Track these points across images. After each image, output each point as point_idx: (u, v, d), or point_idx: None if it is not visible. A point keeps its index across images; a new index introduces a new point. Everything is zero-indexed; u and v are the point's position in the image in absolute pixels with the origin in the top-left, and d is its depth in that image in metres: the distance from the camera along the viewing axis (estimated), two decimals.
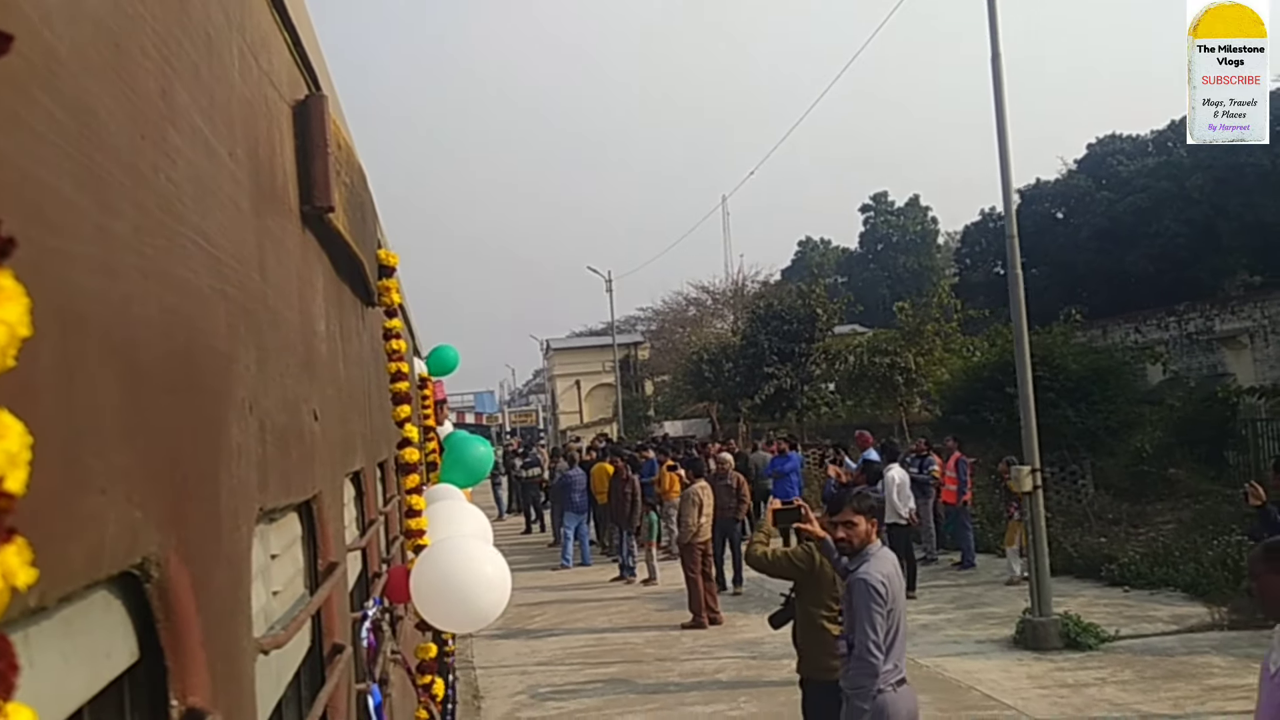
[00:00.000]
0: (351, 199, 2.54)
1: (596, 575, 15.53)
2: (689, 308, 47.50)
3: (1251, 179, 32.06)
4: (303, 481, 1.91)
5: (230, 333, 1.39)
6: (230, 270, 1.41)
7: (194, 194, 1.24)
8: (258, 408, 1.52)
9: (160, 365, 1.08)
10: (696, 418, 36.27)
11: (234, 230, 1.46)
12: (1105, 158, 42.41)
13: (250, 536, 1.44)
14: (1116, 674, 8.67)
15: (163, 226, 1.11)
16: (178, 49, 1.20)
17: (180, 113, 1.20)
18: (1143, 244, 36.24)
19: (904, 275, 56.28)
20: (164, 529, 1.04)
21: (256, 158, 1.70)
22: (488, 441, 5.74)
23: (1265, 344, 26.97)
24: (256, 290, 1.60)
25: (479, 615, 2.93)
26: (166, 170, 1.14)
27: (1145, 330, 31.31)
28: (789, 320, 27.91)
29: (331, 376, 2.43)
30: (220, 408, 1.31)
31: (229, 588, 1.29)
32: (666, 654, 10.42)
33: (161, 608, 1.05)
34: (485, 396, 71.67)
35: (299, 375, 1.95)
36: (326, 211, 2.16)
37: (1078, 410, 18.37)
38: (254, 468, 1.47)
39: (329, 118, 2.18)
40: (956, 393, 20.37)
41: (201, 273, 1.25)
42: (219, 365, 1.32)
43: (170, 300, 1.12)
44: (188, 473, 1.15)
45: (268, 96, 1.85)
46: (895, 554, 5.76)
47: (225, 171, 1.43)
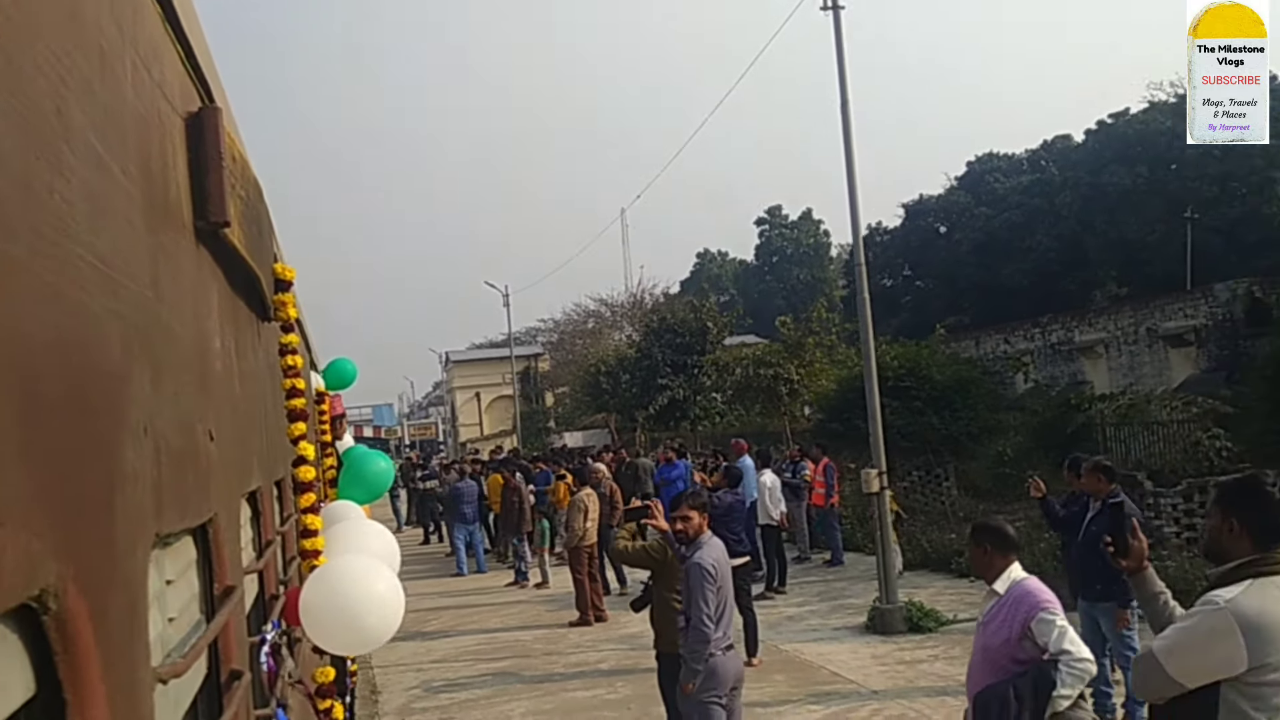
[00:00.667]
0: (247, 213, 2.49)
1: (492, 581, 16.11)
2: (588, 320, 48.20)
3: (1114, 197, 34.40)
4: (199, 504, 1.86)
5: (124, 354, 1.35)
6: (124, 289, 1.38)
7: (87, 213, 1.21)
8: (152, 430, 1.48)
9: (55, 390, 1.05)
10: (596, 428, 36.85)
11: (127, 248, 1.42)
12: (983, 175, 44.61)
13: (147, 564, 1.40)
14: (947, 651, 9.63)
15: (56, 247, 1.08)
16: (71, 64, 1.17)
17: (74, 130, 1.17)
18: (1017, 258, 38.28)
19: (798, 287, 57.75)
20: (61, 558, 1.01)
21: (150, 173, 1.66)
22: (387, 457, 5.65)
23: (1118, 353, 28.96)
24: (150, 309, 1.56)
25: (369, 637, 2.87)
26: (61, 190, 1.11)
27: (1013, 340, 33.26)
28: (682, 333, 29.26)
29: (227, 395, 2.38)
30: (115, 431, 1.28)
31: (126, 617, 1.26)
32: (553, 649, 11.12)
33: (59, 640, 1.02)
34: (384, 409, 70.53)
35: (194, 395, 1.91)
36: (221, 227, 2.11)
37: (942, 417, 19.87)
38: (149, 492, 1.43)
39: (223, 130, 2.13)
40: (833, 402, 21.62)
41: (95, 293, 1.22)
42: (113, 387, 1.29)
43: (64, 323, 1.09)
44: (83, 499, 1.12)
45: (160, 109, 1.80)
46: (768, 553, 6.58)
47: (119, 189, 1.39)
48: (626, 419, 32.16)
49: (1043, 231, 37.55)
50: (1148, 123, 36.09)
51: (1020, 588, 4.45)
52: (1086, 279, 37.56)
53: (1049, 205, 37.73)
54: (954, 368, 21.81)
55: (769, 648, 10.11)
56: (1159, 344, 27.84)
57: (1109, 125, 38.22)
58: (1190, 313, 27.03)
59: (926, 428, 19.42)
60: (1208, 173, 31.46)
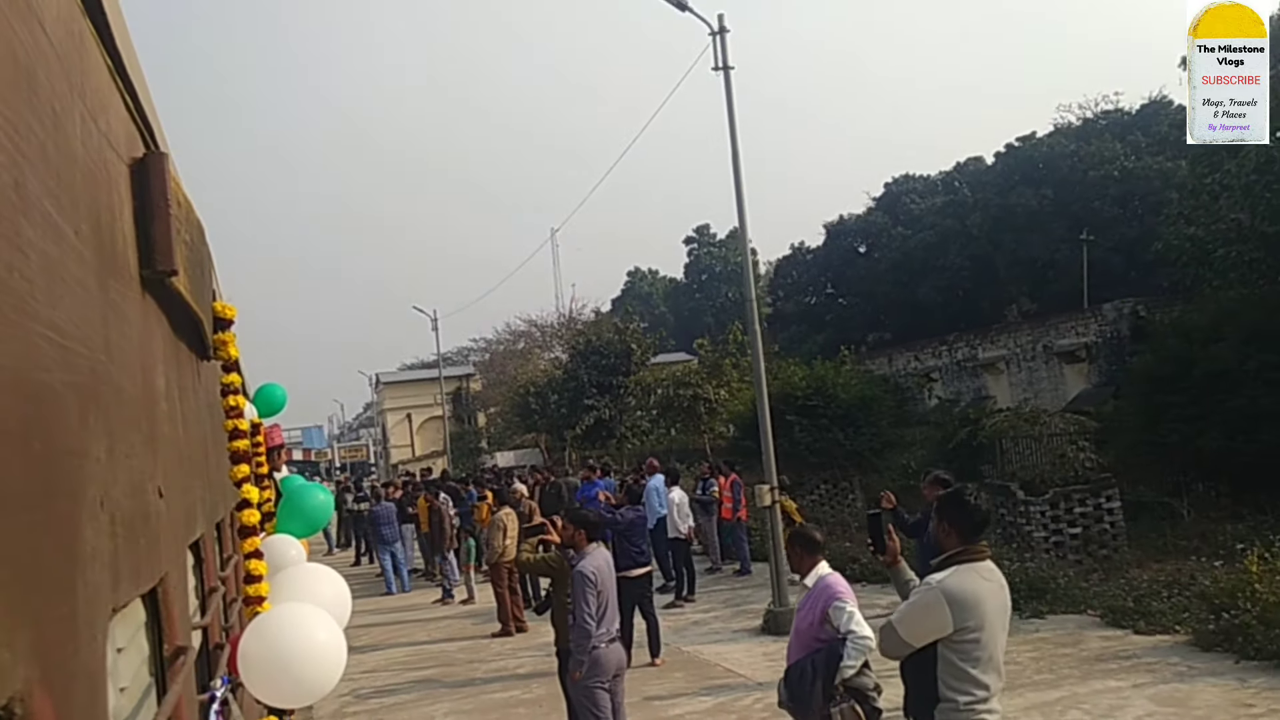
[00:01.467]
0: (191, 256, 2.42)
1: (421, 599, 16.75)
2: (518, 341, 48.40)
3: (1021, 218, 35.71)
4: (150, 568, 1.80)
5: (81, 426, 1.30)
6: (79, 358, 1.32)
7: (45, 285, 1.16)
8: (108, 501, 1.43)
9: (20, 482, 1.00)
10: (527, 448, 37.18)
11: (81, 314, 1.37)
12: (900, 196, 45.97)
13: (105, 644, 1.34)
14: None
15: (18, 329, 1.03)
16: (28, 133, 1.12)
17: (32, 202, 1.12)
18: (932, 276, 39.45)
19: (726, 305, 58.39)
20: (27, 662, 0.96)
21: (99, 228, 1.60)
22: (326, 489, 5.54)
23: (1018, 370, 30.28)
24: (103, 372, 1.50)
25: (309, 689, 2.78)
26: (20, 267, 1.06)
27: (923, 358, 34.42)
28: (607, 355, 30.11)
29: (173, 444, 2.30)
30: (75, 511, 1.22)
31: (88, 705, 1.20)
32: (476, 658, 11.75)
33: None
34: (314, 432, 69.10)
35: (143, 453, 1.84)
36: (169, 276, 2.04)
37: (846, 434, 21.10)
38: (106, 568, 1.37)
39: (170, 177, 2.07)
40: (746, 421, 22.03)
41: (54, 369, 1.17)
42: (73, 465, 1.24)
43: (27, 409, 1.04)
44: (46, 593, 1.07)
45: (107, 159, 1.74)
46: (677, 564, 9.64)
47: (73, 253, 1.34)
48: (556, 438, 32.82)
49: (955, 251, 38.71)
50: (1053, 145, 37.58)
51: (824, 581, 5.43)
52: (997, 297, 38.92)
53: (961, 226, 38.92)
54: (858, 386, 22.89)
55: (672, 649, 10.82)
56: (1054, 360, 29.05)
57: (1016, 148, 39.61)
58: (1082, 331, 28.06)
59: (832, 443, 20.61)
60: (1109, 193, 32.72)
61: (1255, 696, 7.77)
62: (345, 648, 2.87)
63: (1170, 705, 7.74)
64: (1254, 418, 14.52)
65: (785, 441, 19.14)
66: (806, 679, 5.15)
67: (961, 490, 5.59)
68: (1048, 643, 9.97)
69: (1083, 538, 13.20)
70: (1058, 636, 10.16)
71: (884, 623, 4.39)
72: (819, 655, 5.20)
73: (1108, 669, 8.98)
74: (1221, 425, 14.95)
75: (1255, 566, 9.34)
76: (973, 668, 4.14)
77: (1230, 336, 15.77)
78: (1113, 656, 9.36)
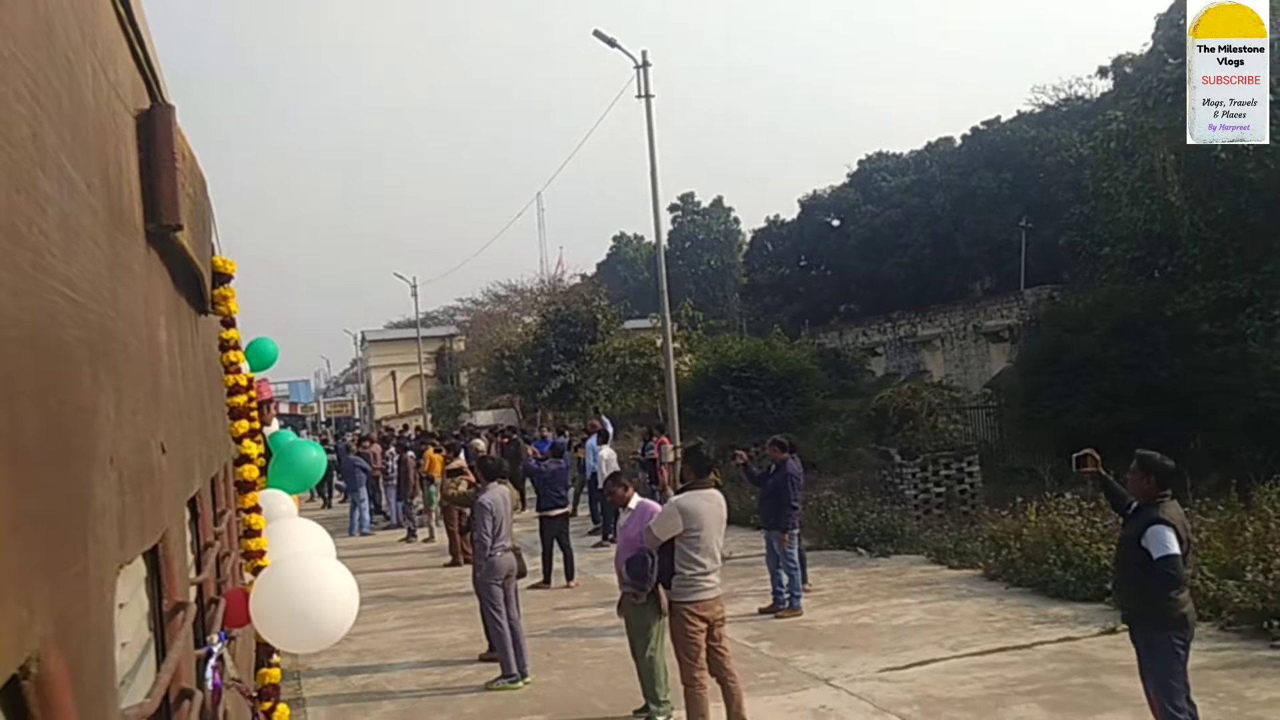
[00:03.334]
0: (194, 211, 2.39)
1: (390, 538, 19.35)
2: (499, 304, 49.67)
3: (982, 200, 37.29)
4: (154, 524, 1.79)
5: (92, 383, 1.29)
6: (90, 314, 1.30)
7: (61, 241, 1.14)
8: (117, 458, 1.42)
9: (37, 439, 0.98)
10: (503, 408, 38.74)
11: (93, 269, 1.35)
12: (872, 174, 47.02)
13: (114, 602, 1.34)
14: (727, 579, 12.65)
15: (35, 285, 1.02)
16: (45, 84, 1.10)
17: (49, 155, 1.10)
18: (897, 253, 41.01)
19: (708, 272, 59.35)
20: (44, 620, 0.95)
21: (107, 181, 1.57)
22: (319, 445, 5.53)
23: (951, 347, 32.75)
24: (112, 328, 1.48)
25: (327, 634, 2.82)
26: (39, 222, 1.04)
27: (870, 333, 36.89)
28: (574, 324, 32.26)
29: (174, 400, 2.29)
30: (87, 469, 1.21)
31: (98, 663, 1.20)
32: (427, 581, 14.19)
33: (39, 704, 0.96)
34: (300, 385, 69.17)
35: (148, 409, 1.83)
36: (174, 230, 2.02)
37: (775, 403, 23.42)
38: (115, 526, 1.37)
39: (176, 130, 2.04)
40: (689, 389, 24.45)
41: (69, 326, 1.15)
42: (85, 422, 1.22)
43: (45, 365, 1.02)
44: (61, 551, 1.06)
45: (115, 111, 1.71)
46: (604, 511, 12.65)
47: (86, 207, 1.32)
48: (529, 400, 34.75)
49: (919, 229, 40.10)
50: (1015, 130, 38.72)
51: (641, 505, 7.98)
52: (958, 274, 40.35)
53: (925, 205, 40.32)
54: (789, 360, 24.94)
55: (586, 576, 13.32)
56: (982, 340, 31.25)
57: (981, 131, 40.59)
58: (1006, 314, 30.25)
59: (762, 412, 22.77)
60: (1064, 179, 33.55)
61: (1002, 611, 10.07)
62: (357, 594, 2.89)
63: (936, 614, 10.29)
64: (1114, 398, 17.04)
65: (721, 409, 22.90)
66: (647, 565, 7.02)
67: (697, 445, 8.09)
68: (878, 574, 12.63)
69: (946, 496, 15.80)
70: (888, 569, 12.82)
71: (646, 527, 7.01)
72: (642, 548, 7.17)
73: (909, 591, 11.47)
74: (1086, 404, 17.40)
75: (1033, 515, 11.64)
76: (695, 554, 6.72)
77: (1098, 327, 18.26)
78: (920, 584, 11.88)
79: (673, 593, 6.81)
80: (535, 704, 8.18)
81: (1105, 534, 10.25)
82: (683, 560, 6.70)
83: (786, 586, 10.82)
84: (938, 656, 8.77)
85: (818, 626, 10.12)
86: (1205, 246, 17.64)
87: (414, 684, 9.02)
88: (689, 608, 6.75)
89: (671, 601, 6.86)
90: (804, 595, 11.07)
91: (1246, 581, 8.69)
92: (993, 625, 9.64)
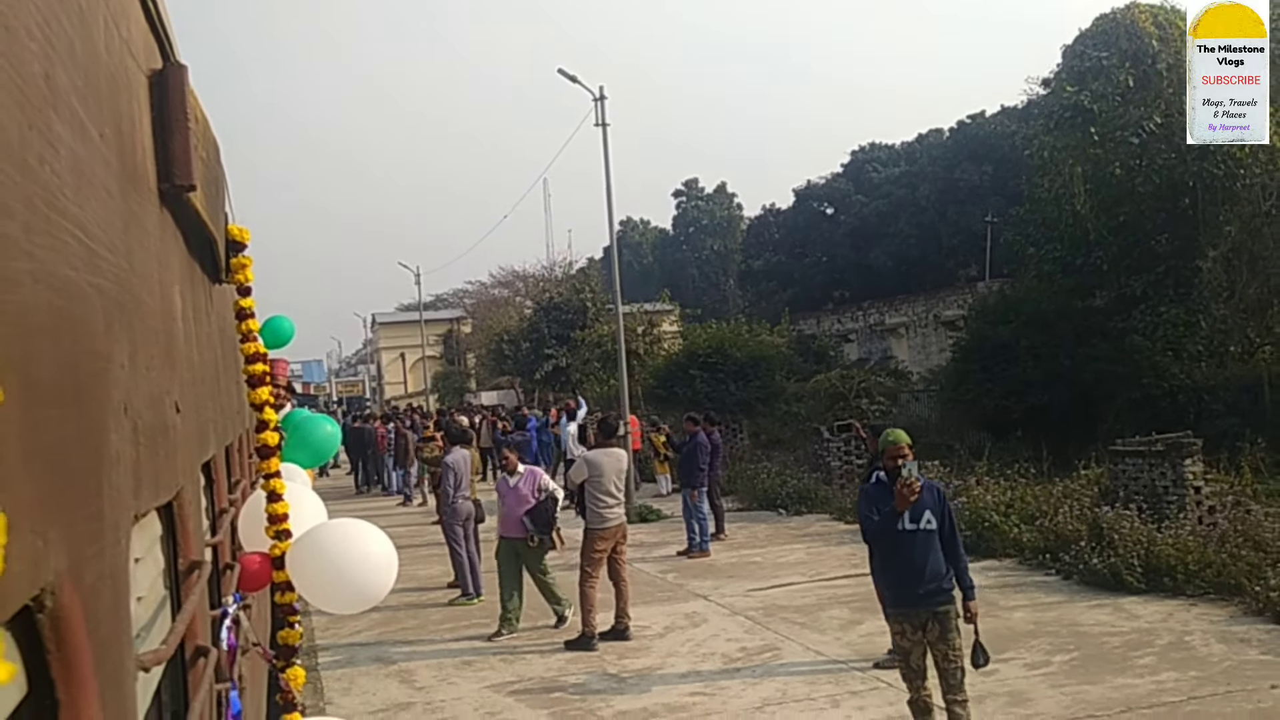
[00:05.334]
0: (208, 175, 2.40)
1: (390, 501, 21.91)
2: (502, 289, 51.90)
3: (964, 191, 39.12)
4: (168, 480, 1.80)
5: (107, 331, 1.29)
6: (104, 262, 1.31)
7: (73, 184, 1.14)
8: (131, 409, 1.42)
9: (50, 376, 0.99)
10: (504, 388, 40.94)
11: (106, 218, 1.35)
12: (864, 164, 48.23)
13: (129, 549, 1.35)
14: (656, 532, 15.27)
15: (48, 223, 1.02)
16: (58, 28, 1.10)
17: (61, 96, 1.10)
18: (884, 242, 42.86)
19: (711, 257, 60.14)
20: (57, 553, 0.96)
21: (121, 136, 1.57)
22: (332, 420, 5.57)
23: (915, 335, 34.98)
24: (126, 280, 1.49)
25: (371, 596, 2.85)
26: (51, 161, 1.04)
27: (844, 321, 39.39)
28: (566, 311, 34.42)
29: (188, 363, 2.30)
30: (100, 414, 1.22)
31: (113, 606, 1.21)
32: (415, 534, 15.26)
33: (54, 638, 0.97)
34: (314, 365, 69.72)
35: (162, 367, 1.84)
36: (188, 190, 2.02)
37: (738, 385, 25.54)
38: (129, 474, 1.38)
39: (189, 90, 2.04)
40: (661, 373, 27.30)
41: (81, 269, 1.16)
42: (99, 368, 1.23)
43: (58, 304, 1.03)
44: (76, 489, 1.07)
45: (128, 68, 1.71)
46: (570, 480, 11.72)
47: (98, 155, 1.32)
48: (527, 381, 37.05)
49: (905, 219, 41.72)
50: (997, 124, 39.84)
51: (530, 470, 10.02)
52: (941, 263, 41.77)
53: (911, 196, 41.93)
54: (749, 347, 26.96)
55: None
56: (941, 329, 33.46)
57: (966, 125, 41.72)
58: (961, 304, 32.08)
59: (726, 393, 24.95)
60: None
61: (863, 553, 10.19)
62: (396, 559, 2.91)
63: (813, 555, 12.75)
64: (1024, 383, 19.22)
65: (688, 390, 25.24)
66: (547, 512, 9.40)
67: (608, 417, 10.53)
68: (787, 528, 14.93)
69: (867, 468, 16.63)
70: (797, 526, 15.09)
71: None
72: (543, 503, 9.48)
73: (802, 540, 13.77)
74: (1002, 388, 19.72)
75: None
76: (598, 492, 9.15)
77: (1014, 320, 20.39)
78: (815, 535, 14.09)
79: (586, 520, 9.28)
80: (485, 614, 10.39)
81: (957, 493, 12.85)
82: (590, 498, 9.21)
83: (698, 533, 13.17)
84: (795, 581, 11.30)
85: (718, 564, 12.75)
86: (1109, 250, 20.22)
87: (394, 602, 10.67)
88: (598, 532, 9.16)
89: (585, 527, 9.31)
90: (719, 542, 13.69)
91: (1037, 526, 11.46)
92: (850, 562, 11.53)
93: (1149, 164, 18.24)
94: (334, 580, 2.69)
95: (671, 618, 10.01)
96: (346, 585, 2.69)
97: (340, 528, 2.82)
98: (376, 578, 2.72)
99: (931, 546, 5.83)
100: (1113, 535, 10.19)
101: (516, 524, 9.50)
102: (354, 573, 2.69)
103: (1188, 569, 9.49)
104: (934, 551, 5.84)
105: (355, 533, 2.79)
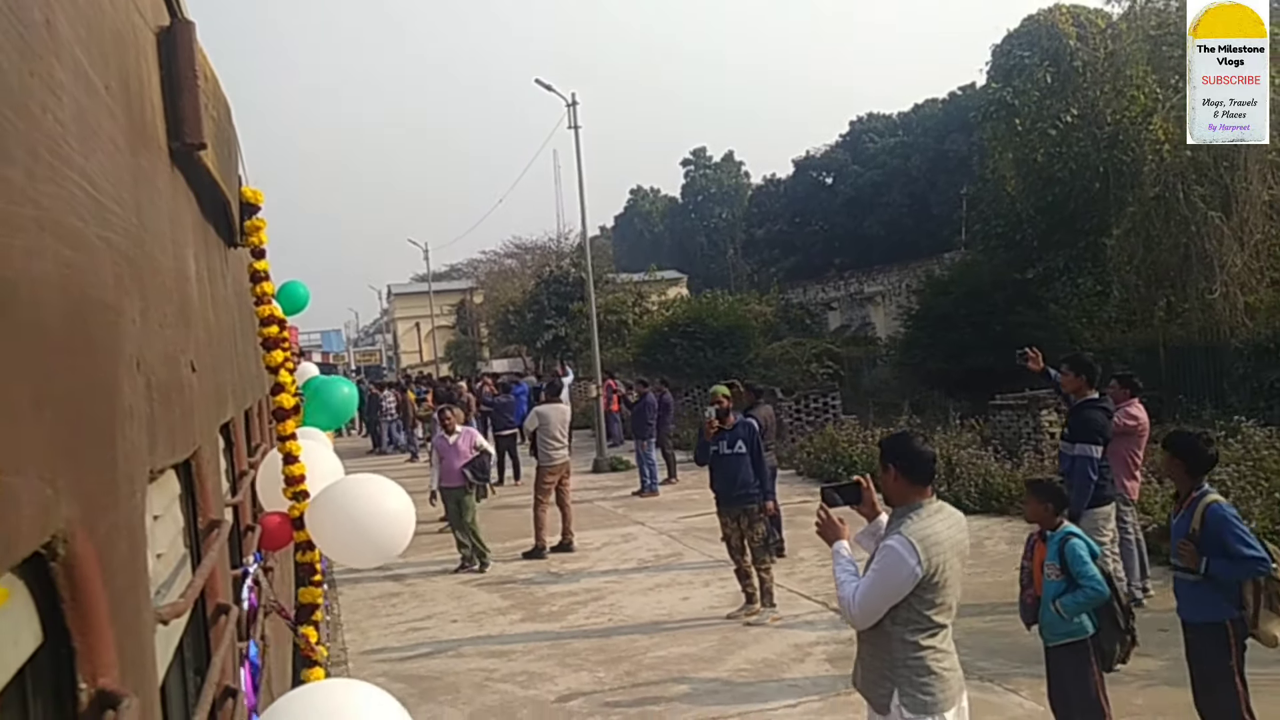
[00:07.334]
0: (219, 134, 2.38)
1: (400, 458, 24.20)
2: (511, 261, 52.70)
3: (954, 162, 39.37)
4: (185, 438, 1.80)
5: (117, 284, 1.29)
6: (113, 216, 1.30)
7: (78, 134, 1.13)
8: (144, 364, 1.42)
9: (59, 325, 0.98)
10: (513, 356, 42.31)
11: (114, 172, 1.34)
12: (861, 135, 48.35)
13: (144, 502, 1.35)
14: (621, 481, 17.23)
15: (53, 171, 1.01)
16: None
17: (63, 45, 1.09)
18: (878, 211, 43.51)
19: (719, 225, 60.78)
20: (69, 502, 0.96)
21: (128, 91, 1.56)
22: (351, 382, 5.59)
23: (890, 303, 35.63)
24: (136, 236, 1.48)
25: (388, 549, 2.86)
26: (54, 109, 1.03)
27: (827, 290, 40.40)
28: (565, 283, 36.34)
29: (204, 324, 2.30)
30: (112, 366, 1.22)
31: (129, 558, 1.21)
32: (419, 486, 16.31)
33: (68, 586, 0.97)
34: (332, 335, 70.25)
35: (176, 325, 1.84)
36: (198, 148, 2.01)
37: (715, 352, 27.09)
38: (144, 428, 1.38)
39: (197, 47, 2.03)
40: (645, 343, 29.07)
41: (89, 220, 1.15)
42: (109, 320, 1.23)
43: (65, 253, 1.02)
44: (88, 439, 1.07)
45: (134, 24, 1.70)
46: None
47: (104, 108, 1.31)
48: (531, 349, 39.00)
49: (898, 189, 42.36)
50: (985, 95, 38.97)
51: (466, 430, 11.36)
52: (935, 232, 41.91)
53: (904, 166, 42.63)
54: (726, 317, 28.60)
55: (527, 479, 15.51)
56: (913, 297, 34.00)
57: (957, 96, 41.34)
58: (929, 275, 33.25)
59: (703, 360, 26.64)
60: None
61: (786, 490, 12.33)
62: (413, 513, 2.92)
63: None
64: (961, 348, 21.07)
65: (669, 357, 26.99)
66: (483, 465, 11.08)
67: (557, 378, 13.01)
68: None
69: (816, 424, 19.23)
70: None
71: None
72: (477, 460, 10.99)
73: None
74: (942, 352, 21.85)
75: (830, 432, 16.63)
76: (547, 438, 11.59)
77: (955, 291, 22.63)
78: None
79: (538, 459, 11.73)
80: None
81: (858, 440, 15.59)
82: (541, 443, 11.67)
83: (648, 477, 15.29)
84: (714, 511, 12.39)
85: (662, 501, 14.91)
86: (1038, 227, 22.48)
87: None
88: (547, 468, 11.62)
89: (537, 464, 11.77)
90: (670, 485, 15.89)
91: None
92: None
93: (1067, 151, 20.76)
94: (353, 536, 2.70)
95: (610, 537, 12.51)
96: (366, 541, 2.71)
97: (357, 484, 2.83)
98: (395, 530, 2.73)
99: (742, 464, 8.29)
100: (958, 468, 12.67)
101: (457, 475, 10.96)
102: (373, 529, 2.71)
103: (1011, 494, 11.81)
104: (744, 468, 8.29)
105: (373, 489, 2.80)
